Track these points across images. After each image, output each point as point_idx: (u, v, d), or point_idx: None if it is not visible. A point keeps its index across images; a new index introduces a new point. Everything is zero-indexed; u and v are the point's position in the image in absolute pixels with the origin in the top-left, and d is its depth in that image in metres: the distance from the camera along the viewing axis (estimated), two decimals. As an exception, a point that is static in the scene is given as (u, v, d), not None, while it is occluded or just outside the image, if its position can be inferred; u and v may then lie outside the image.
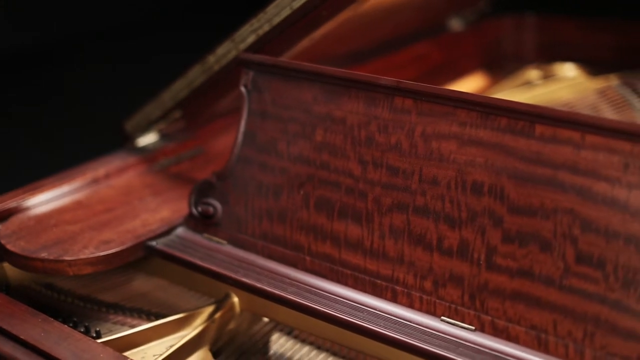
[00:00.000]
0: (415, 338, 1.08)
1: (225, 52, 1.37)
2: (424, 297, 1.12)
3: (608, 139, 1.02)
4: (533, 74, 2.18)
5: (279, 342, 1.27)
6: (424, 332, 1.09)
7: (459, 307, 1.09)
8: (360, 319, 1.12)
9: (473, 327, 1.08)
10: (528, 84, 2.13)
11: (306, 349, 1.26)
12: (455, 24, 2.19)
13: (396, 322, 1.11)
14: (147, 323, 1.24)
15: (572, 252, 1.03)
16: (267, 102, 1.27)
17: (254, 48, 1.35)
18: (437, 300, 1.11)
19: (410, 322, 1.11)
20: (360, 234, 1.17)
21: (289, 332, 1.28)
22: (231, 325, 1.28)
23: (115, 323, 1.28)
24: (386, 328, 1.10)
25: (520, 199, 1.06)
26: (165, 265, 1.33)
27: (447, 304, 1.10)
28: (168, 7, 4.96)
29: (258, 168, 1.27)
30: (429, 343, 1.07)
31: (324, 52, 1.75)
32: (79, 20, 4.58)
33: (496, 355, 1.04)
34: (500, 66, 2.25)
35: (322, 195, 1.20)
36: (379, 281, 1.15)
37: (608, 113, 1.99)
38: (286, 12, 1.29)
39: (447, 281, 1.10)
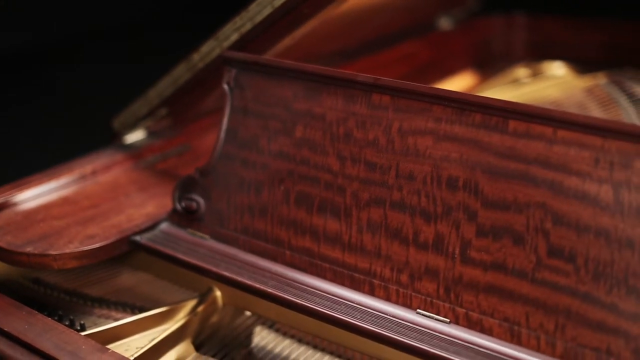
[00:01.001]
0: (391, 330, 1.09)
1: (209, 50, 1.39)
2: (401, 290, 1.13)
3: (579, 134, 1.04)
4: (522, 72, 2.20)
5: (261, 335, 1.29)
6: (400, 325, 1.11)
7: (434, 300, 1.11)
8: (338, 312, 1.14)
9: (448, 320, 1.10)
10: (516, 82, 2.15)
11: (287, 341, 1.28)
12: (445, 23, 2.21)
13: (373, 315, 1.13)
14: (131, 316, 1.27)
15: (544, 245, 1.04)
16: (249, 99, 1.29)
17: (237, 46, 1.37)
18: (413, 293, 1.13)
19: (386, 314, 1.13)
20: (338, 229, 1.19)
21: (271, 325, 1.31)
22: (214, 319, 1.30)
23: (100, 317, 1.30)
24: (363, 321, 1.12)
25: (494, 193, 1.08)
26: (149, 259, 1.35)
27: (423, 297, 1.12)
28: (168, 7, 4.98)
29: (240, 164, 1.29)
30: (404, 335, 1.08)
31: (310, 50, 1.77)
32: (79, 19, 4.60)
33: (470, 347, 1.06)
34: (490, 65, 2.27)
35: (302, 190, 1.22)
36: (356, 274, 1.17)
37: (595, 111, 2.01)
38: (268, 11, 1.31)
39: (422, 274, 1.12)
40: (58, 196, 1.42)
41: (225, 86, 1.31)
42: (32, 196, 1.42)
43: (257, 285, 1.19)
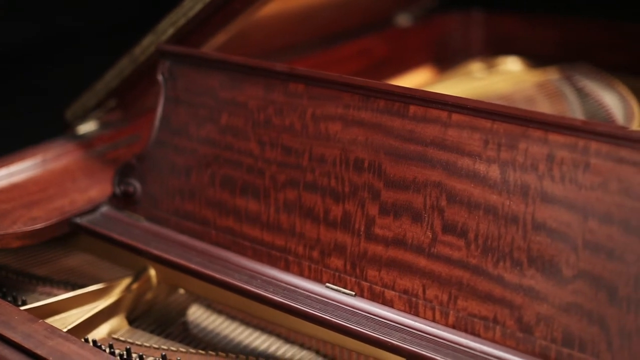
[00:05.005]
0: (299, 302, 1.17)
1: (149, 43, 1.48)
2: (312, 265, 1.21)
3: (471, 117, 1.11)
4: (476, 67, 2.27)
5: (195, 313, 1.37)
6: (310, 298, 1.19)
7: (342, 275, 1.19)
8: (252, 285, 1.21)
9: (353, 293, 1.17)
10: (469, 76, 2.22)
11: (220, 319, 1.36)
12: (403, 19, 2.28)
13: (285, 289, 1.21)
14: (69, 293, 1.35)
15: (440, 222, 1.12)
16: (181, 89, 1.37)
17: (173, 40, 1.45)
18: (323, 269, 1.20)
19: (298, 288, 1.20)
20: (258, 209, 1.27)
21: (206, 303, 1.38)
22: (148, 296, 1.38)
23: (42, 294, 1.38)
24: (275, 294, 1.19)
25: (395, 174, 1.16)
26: (92, 241, 1.44)
27: (332, 272, 1.19)
28: (168, 5, 5.02)
29: (172, 150, 1.37)
30: (311, 307, 1.16)
31: (260, 45, 1.85)
32: (79, 17, 4.66)
33: (371, 318, 1.14)
34: (448, 61, 2.34)
35: (226, 173, 1.30)
36: (274, 252, 1.25)
37: (542, 104, 2.08)
38: (200, 6, 1.39)
39: (332, 251, 1.20)
40: (8, 182, 1.50)
41: (160, 77, 1.39)
42: (-17, 182, 1.51)
43: (182, 262, 1.27)
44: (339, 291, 1.18)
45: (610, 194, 1.01)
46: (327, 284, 1.19)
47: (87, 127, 1.66)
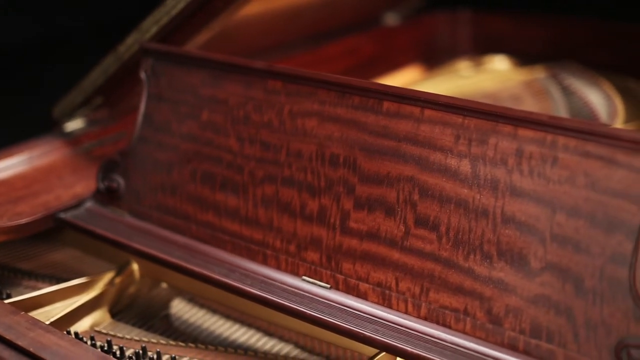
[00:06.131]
0: (276, 295, 1.19)
1: (133, 41, 1.50)
2: (289, 259, 1.23)
3: (442, 113, 1.13)
4: (463, 65, 2.29)
5: (177, 306, 1.40)
6: (286, 290, 1.21)
7: (317, 268, 1.21)
8: (230, 279, 1.23)
9: (329, 285, 1.19)
10: (456, 74, 2.24)
11: (202, 312, 1.39)
12: (391, 18, 2.31)
13: (263, 282, 1.23)
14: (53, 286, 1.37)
15: (412, 216, 1.14)
16: (163, 87, 1.39)
17: (157, 38, 1.47)
18: (300, 262, 1.22)
19: (276, 281, 1.23)
20: (237, 204, 1.29)
21: (189, 297, 1.41)
22: (131, 290, 1.41)
23: (27, 287, 1.41)
24: (252, 287, 1.21)
25: (369, 169, 1.18)
26: (77, 236, 1.46)
27: (308, 265, 1.22)
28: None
29: (155, 146, 1.39)
30: (287, 299, 1.18)
31: (248, 44, 1.88)
32: (79, 17, 4.67)
33: (345, 310, 1.16)
34: (436, 60, 2.36)
35: (207, 169, 1.33)
36: (252, 246, 1.27)
37: (528, 102, 2.10)
38: (182, 4, 1.41)
39: (308, 244, 1.22)
40: (-5, 178, 1.53)
41: (143, 74, 1.41)
42: (-32, 179, 1.53)
43: (163, 256, 1.30)
44: (315, 284, 1.20)
45: (577, 188, 1.03)
46: (304, 277, 1.21)
47: (75, 125, 1.69)
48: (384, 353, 1.13)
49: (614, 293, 0.99)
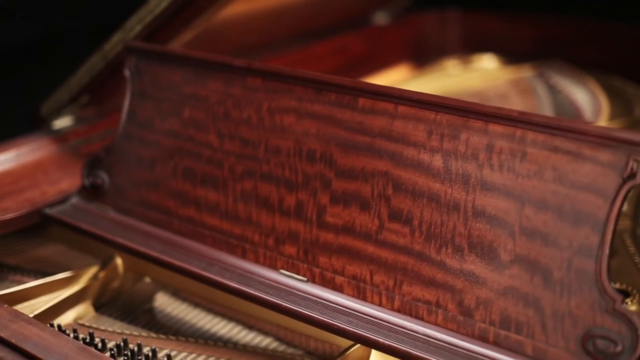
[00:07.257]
0: (253, 288, 1.21)
1: (118, 40, 1.53)
2: (267, 253, 1.25)
3: (416, 109, 1.15)
4: (452, 64, 2.31)
5: (160, 300, 1.42)
6: (264, 284, 1.23)
7: (295, 261, 1.23)
8: (210, 272, 1.26)
9: (305, 279, 1.22)
10: (444, 73, 2.26)
11: (184, 306, 1.41)
12: (380, 17, 2.33)
13: (241, 275, 1.25)
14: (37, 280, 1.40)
15: (386, 210, 1.16)
16: (147, 84, 1.42)
17: (141, 36, 1.50)
18: (278, 256, 1.24)
19: (254, 275, 1.25)
20: (217, 199, 1.31)
21: (172, 291, 1.43)
22: (115, 284, 1.43)
23: (12, 282, 1.43)
24: (231, 280, 1.24)
25: (345, 164, 1.20)
26: (63, 231, 1.49)
27: (286, 259, 1.24)
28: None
29: (138, 143, 1.42)
30: (264, 292, 1.20)
31: (236, 42, 1.90)
32: (79, 17, 4.69)
33: (320, 302, 1.18)
34: (425, 59, 2.39)
35: (188, 165, 1.35)
36: (232, 240, 1.29)
37: (515, 100, 2.12)
38: (165, 3, 1.44)
39: (286, 238, 1.24)
40: (-18, 175, 1.56)
41: (127, 72, 1.44)
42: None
43: (145, 250, 1.32)
44: (292, 277, 1.22)
45: (545, 182, 1.05)
46: (281, 270, 1.24)
47: (63, 123, 1.71)
48: (358, 345, 1.15)
49: (581, 285, 1.01)
